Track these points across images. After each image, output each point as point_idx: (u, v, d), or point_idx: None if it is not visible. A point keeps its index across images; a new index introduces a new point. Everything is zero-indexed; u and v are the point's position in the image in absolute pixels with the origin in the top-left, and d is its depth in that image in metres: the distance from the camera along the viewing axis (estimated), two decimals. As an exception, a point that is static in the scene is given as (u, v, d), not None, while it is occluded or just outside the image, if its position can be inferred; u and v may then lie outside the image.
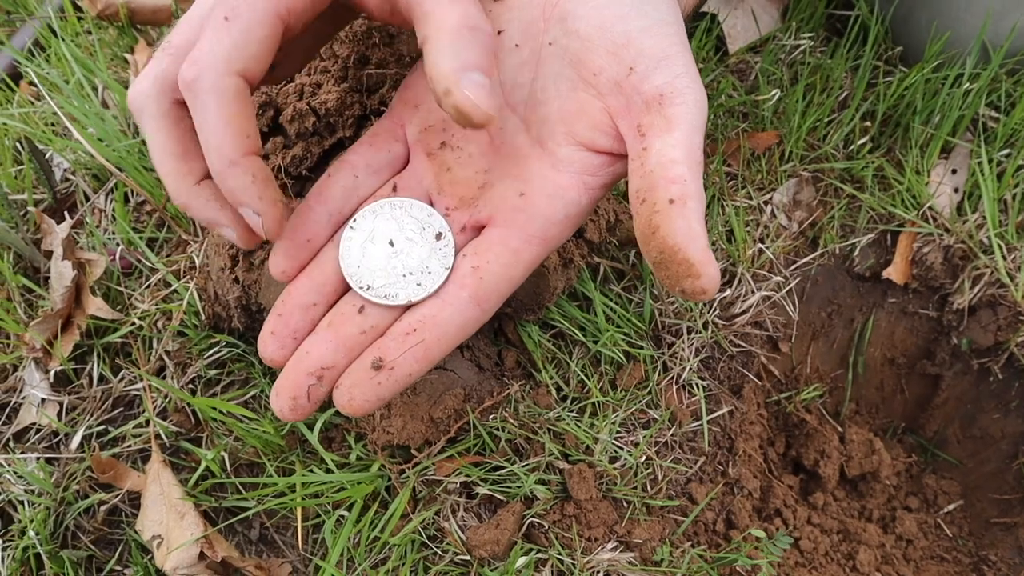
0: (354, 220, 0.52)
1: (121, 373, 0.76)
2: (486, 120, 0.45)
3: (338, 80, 0.68)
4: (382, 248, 0.52)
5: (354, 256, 0.51)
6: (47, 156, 0.85)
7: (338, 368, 0.49)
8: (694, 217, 0.43)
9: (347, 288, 0.52)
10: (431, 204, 0.53)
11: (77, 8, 0.95)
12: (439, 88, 0.46)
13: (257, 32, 0.44)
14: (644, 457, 0.74)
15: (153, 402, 0.74)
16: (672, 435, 0.76)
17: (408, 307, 0.50)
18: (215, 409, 0.71)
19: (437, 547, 0.69)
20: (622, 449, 0.73)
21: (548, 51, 0.51)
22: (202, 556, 0.66)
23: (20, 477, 0.70)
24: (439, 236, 0.52)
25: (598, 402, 0.75)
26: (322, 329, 0.50)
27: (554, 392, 0.75)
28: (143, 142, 0.84)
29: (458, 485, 0.71)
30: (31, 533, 0.67)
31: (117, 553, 0.71)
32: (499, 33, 0.53)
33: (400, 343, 0.49)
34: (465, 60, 0.46)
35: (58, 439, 0.74)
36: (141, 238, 0.80)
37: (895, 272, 0.91)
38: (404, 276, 0.51)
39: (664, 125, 0.45)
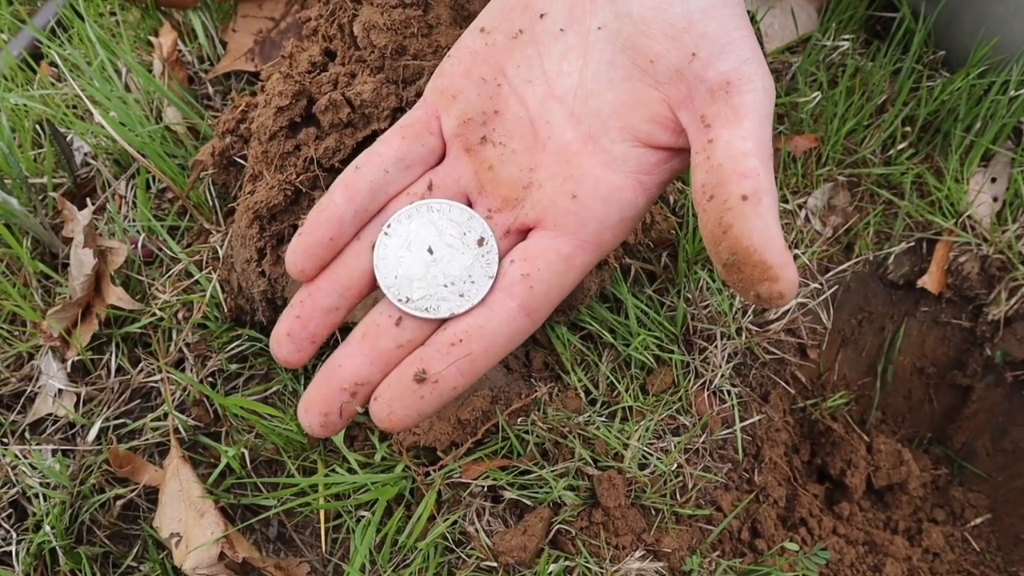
0: (388, 225, 0.49)
1: (140, 365, 0.74)
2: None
3: (374, 70, 0.66)
4: (420, 255, 0.48)
5: (390, 266, 0.48)
6: (68, 139, 0.83)
7: (372, 384, 0.46)
8: (770, 215, 0.40)
9: (372, 289, 0.48)
10: (470, 205, 0.50)
11: (101, -12, 0.93)
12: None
13: None
14: (675, 465, 0.72)
15: (172, 395, 0.72)
16: (703, 442, 0.75)
17: (449, 319, 0.47)
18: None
19: (462, 552, 0.68)
20: (652, 456, 0.72)
21: (597, 36, 0.47)
22: (222, 556, 0.64)
23: (36, 469, 0.69)
24: (481, 242, 0.48)
25: (628, 407, 0.74)
26: (355, 341, 0.47)
27: (583, 395, 0.74)
28: (167, 127, 0.82)
29: (484, 489, 0.69)
30: (47, 528, 0.66)
31: (133, 549, 0.69)
32: (541, 17, 0.49)
33: (445, 355, 0.45)
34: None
35: (74, 431, 0.72)
36: (163, 226, 0.78)
37: (930, 281, 0.90)
38: (445, 286, 0.47)
39: (732, 115, 0.42)
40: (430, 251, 0.48)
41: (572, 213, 0.47)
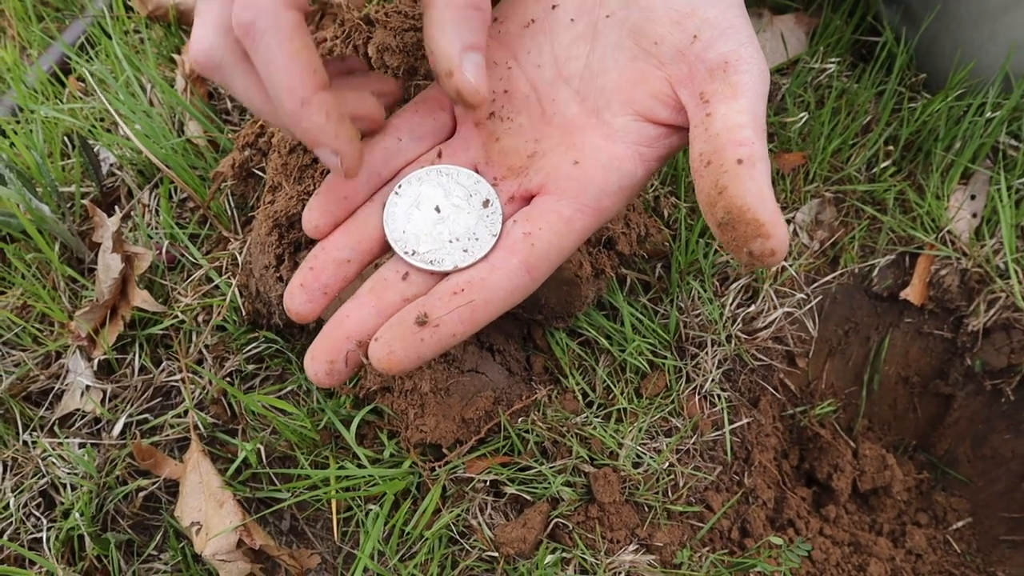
0: (399, 186, 0.52)
1: (162, 364, 0.78)
2: (481, 101, 0.48)
3: (387, 89, 0.70)
4: (428, 214, 0.51)
5: (399, 222, 0.51)
6: (95, 150, 0.88)
7: None
8: (763, 179, 0.43)
9: (383, 250, 0.51)
10: (477, 173, 0.53)
11: (128, 8, 0.98)
12: (441, 68, 0.47)
13: None
14: (667, 464, 0.76)
15: (192, 394, 0.76)
16: (693, 443, 0.79)
17: (452, 272, 0.50)
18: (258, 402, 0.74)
19: (465, 543, 0.72)
20: (646, 455, 0.76)
21: (605, 23, 0.51)
22: (240, 543, 0.68)
23: (65, 461, 0.73)
24: (486, 203, 0.51)
25: (623, 409, 0.78)
26: (363, 294, 0.49)
27: (580, 398, 0.78)
28: (188, 140, 0.87)
29: (487, 484, 0.73)
30: (76, 515, 0.69)
31: (156, 538, 0.73)
32: (553, 8, 0.53)
33: (446, 302, 0.47)
34: (467, 40, 0.47)
35: (100, 426, 0.76)
36: (184, 234, 0.82)
37: (912, 293, 0.94)
38: (450, 242, 0.50)
39: (729, 92, 0.45)
40: (437, 210, 0.51)
41: (574, 179, 0.50)
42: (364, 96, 0.51)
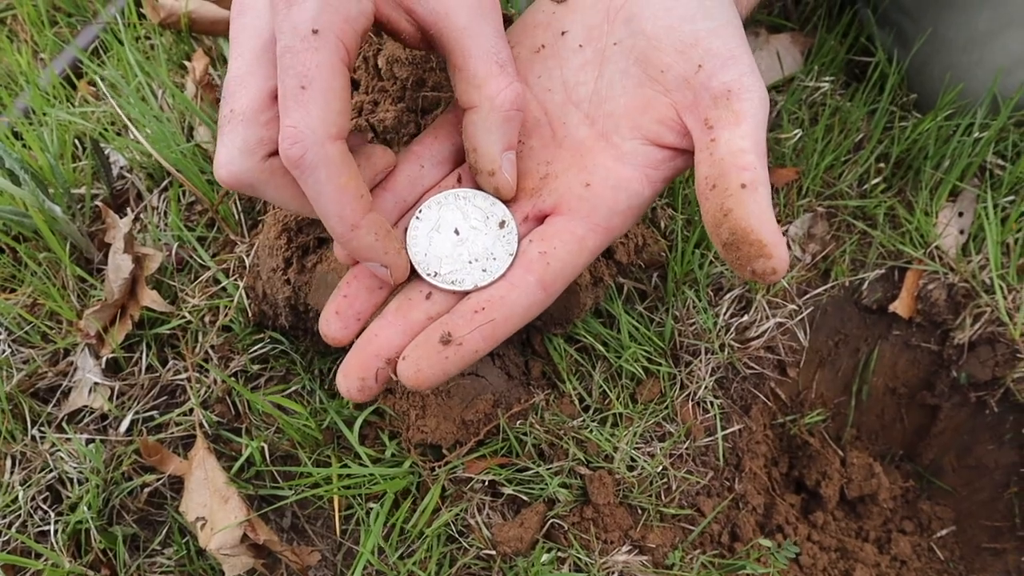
0: (420, 211, 0.55)
1: (169, 363, 0.80)
2: (512, 195, 0.53)
3: (395, 100, 0.72)
4: (448, 236, 0.54)
5: (421, 245, 0.54)
6: (105, 153, 0.89)
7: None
8: (765, 202, 0.45)
9: (411, 273, 0.54)
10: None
11: (140, 15, 1.00)
12: (484, 167, 0.52)
13: (336, 89, 0.45)
14: (660, 467, 0.78)
15: (197, 393, 0.78)
16: (686, 448, 0.81)
17: (473, 291, 0.53)
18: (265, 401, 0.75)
19: (463, 541, 0.73)
20: (640, 459, 0.78)
21: (613, 50, 0.53)
22: (244, 538, 0.70)
23: (72, 456, 0.74)
24: (502, 224, 0.54)
25: (619, 413, 0.80)
26: (390, 313, 0.52)
27: (577, 402, 0.80)
28: (198, 145, 0.89)
29: (485, 484, 0.75)
30: (84, 509, 0.71)
31: (160, 533, 0.74)
32: (563, 34, 0.56)
33: (468, 320, 0.50)
34: (507, 142, 0.51)
35: (107, 422, 0.78)
36: (192, 236, 0.84)
37: (901, 306, 0.96)
38: (470, 263, 0.53)
39: (732, 118, 0.48)
40: (456, 232, 0.54)
41: (585, 200, 0.52)
42: (376, 153, 0.55)
